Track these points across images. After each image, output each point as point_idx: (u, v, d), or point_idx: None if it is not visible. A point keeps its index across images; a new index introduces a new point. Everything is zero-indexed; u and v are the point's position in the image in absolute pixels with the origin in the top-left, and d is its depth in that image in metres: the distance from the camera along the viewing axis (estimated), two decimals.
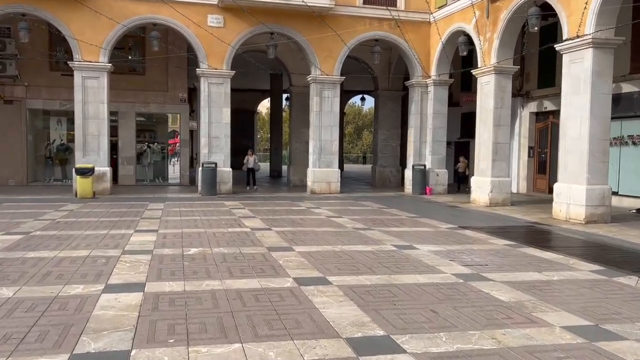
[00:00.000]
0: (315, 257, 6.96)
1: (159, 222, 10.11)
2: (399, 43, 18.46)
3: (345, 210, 12.90)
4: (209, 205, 13.57)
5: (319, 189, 18.07)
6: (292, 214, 12.02)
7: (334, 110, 18.18)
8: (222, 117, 17.29)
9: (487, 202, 15.08)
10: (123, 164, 20.23)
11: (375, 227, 10.01)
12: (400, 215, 12.18)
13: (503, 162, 15.25)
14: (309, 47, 17.73)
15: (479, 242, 8.59)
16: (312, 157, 18.23)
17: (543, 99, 18.44)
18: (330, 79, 17.97)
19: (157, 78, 20.41)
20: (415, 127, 18.96)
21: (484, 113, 15.44)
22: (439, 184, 18.77)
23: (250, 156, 19.24)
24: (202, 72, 17.05)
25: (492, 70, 14.94)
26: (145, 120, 21.16)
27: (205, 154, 17.20)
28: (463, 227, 10.41)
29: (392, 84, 22.27)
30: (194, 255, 6.94)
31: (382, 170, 22.47)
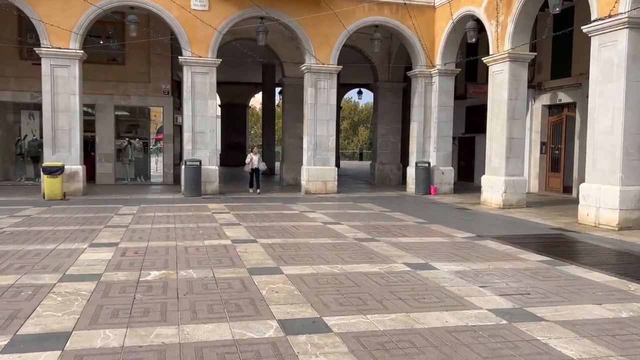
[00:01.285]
0: (309, 284, 5.44)
1: (124, 231, 8.56)
2: (401, 29, 16.92)
3: (343, 215, 11.39)
4: (189, 208, 12.02)
5: (314, 189, 16.55)
6: (284, 219, 10.49)
7: (330, 102, 16.63)
8: (208, 109, 15.71)
9: (499, 203, 13.61)
10: (101, 161, 18.62)
11: (380, 237, 8.50)
12: (407, 221, 10.68)
13: (518, 160, 13.76)
14: (302, 33, 16.16)
15: (507, 258, 7.09)
16: (306, 153, 16.70)
17: (557, 90, 16.96)
18: (327, 68, 16.41)
19: (138, 68, 18.79)
20: (419, 121, 17.45)
21: (497, 105, 13.94)
22: (444, 182, 17.29)
23: (254, 154, 16.57)
24: (185, 60, 15.46)
25: (506, 57, 13.43)
26: (125, 114, 19.53)
27: (188, 150, 15.63)
28: (482, 236, 8.91)
29: (393, 75, 20.74)
30: (152, 282, 5.40)
31: (381, 167, 20.96)
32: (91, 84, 18.15)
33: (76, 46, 14.65)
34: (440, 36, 16.80)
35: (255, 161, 16.31)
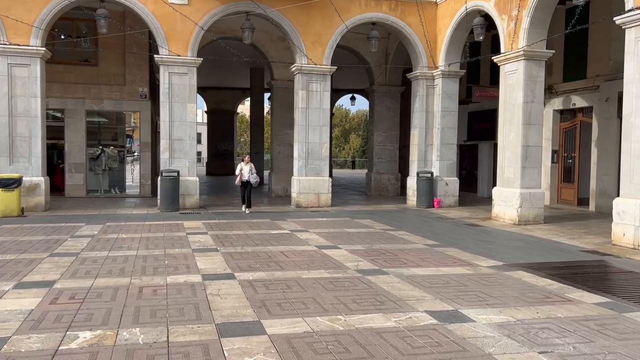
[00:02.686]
0: (303, 354, 3.83)
1: (71, 262, 6.89)
2: (400, 27, 15.46)
3: (340, 235, 9.79)
4: (161, 228, 10.35)
5: (306, 202, 14.96)
6: (271, 242, 8.86)
7: (323, 106, 15.09)
8: (187, 114, 14.08)
9: (514, 219, 12.11)
10: (71, 172, 16.89)
11: (388, 267, 6.92)
12: (415, 243, 9.10)
13: (535, 170, 12.28)
14: (293, 31, 14.63)
15: (555, 300, 5.54)
16: (297, 163, 15.13)
17: (570, 94, 15.56)
18: (319, 68, 14.88)
19: (112, 70, 17.14)
20: (420, 127, 15.95)
21: (510, 109, 12.47)
22: (448, 194, 15.77)
23: (245, 163, 13.57)
24: (162, 59, 13.85)
25: (521, 55, 11.98)
26: (98, 120, 17.83)
27: (165, 159, 13.98)
28: (510, 265, 7.36)
29: (390, 78, 19.28)
30: (76, 353, 3.76)
31: (378, 177, 19.42)
32: (60, 86, 16.53)
33: (37, 43, 12.99)
34: (443, 34, 15.35)
35: (245, 173, 13.42)
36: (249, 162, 13.66)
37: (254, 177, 13.47)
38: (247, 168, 13.48)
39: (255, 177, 13.48)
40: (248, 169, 13.47)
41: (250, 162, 13.77)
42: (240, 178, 13.46)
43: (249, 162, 13.66)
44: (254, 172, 13.57)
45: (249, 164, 13.58)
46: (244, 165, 13.54)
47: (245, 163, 13.61)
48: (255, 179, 13.48)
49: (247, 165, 13.55)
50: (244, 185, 13.52)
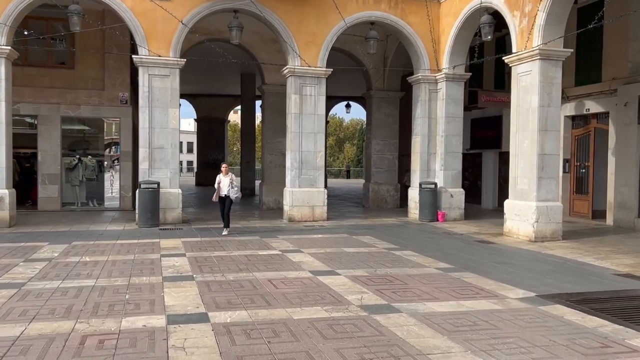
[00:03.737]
0: None
1: (7, 299, 5.60)
2: (401, 27, 14.35)
3: (338, 256, 8.55)
4: (133, 248, 9.06)
5: (300, 216, 13.72)
6: (258, 266, 7.61)
7: (318, 112, 13.90)
8: (169, 120, 12.85)
9: (530, 235, 10.92)
10: (44, 183, 15.56)
11: (398, 302, 5.69)
12: (426, 266, 7.88)
13: (552, 181, 11.13)
14: (285, 30, 13.47)
15: (618, 351, 4.34)
16: (290, 173, 13.90)
17: (584, 98, 14.47)
18: (314, 71, 13.72)
19: (90, 73, 15.89)
20: (422, 134, 14.79)
21: (523, 114, 11.34)
22: (453, 207, 14.58)
23: (223, 174, 11.15)
24: (141, 60, 12.64)
25: (535, 54, 10.87)
26: (74, 127, 16.55)
27: (144, 170, 12.71)
28: (544, 296, 6.14)
29: (388, 83, 18.16)
30: None
31: (376, 188, 18.22)
32: (33, 90, 15.28)
33: (2, 41, 11.75)
34: (447, 34, 14.25)
35: (224, 186, 11.05)
36: (228, 173, 11.23)
37: (234, 192, 11.04)
38: (226, 180, 11.08)
39: (235, 192, 11.06)
40: (227, 181, 11.07)
41: (231, 173, 11.36)
42: (217, 193, 11.12)
43: (228, 173, 11.23)
44: (235, 186, 11.14)
45: (228, 175, 11.16)
46: (222, 176, 11.13)
47: (223, 174, 11.17)
48: (235, 194, 11.07)
49: (226, 176, 11.13)
50: (222, 201, 11.18)
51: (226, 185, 11.09)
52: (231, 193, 11.10)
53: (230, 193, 11.09)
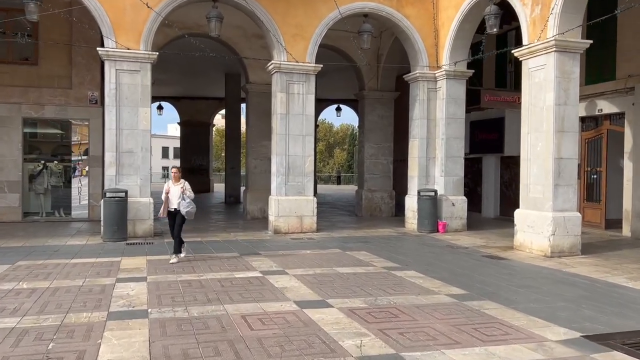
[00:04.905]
0: None
1: None
2: (397, 20, 13.11)
3: (330, 279, 7.21)
4: (86, 270, 7.64)
5: (286, 227, 12.36)
6: (232, 295, 6.24)
7: (306, 112, 12.59)
8: (139, 121, 11.45)
9: (545, 249, 9.67)
10: (3, 191, 14.05)
11: (410, 349, 4.37)
12: (435, 292, 6.56)
13: (569, 188, 9.89)
14: (270, 21, 12.17)
15: None
16: (275, 179, 12.56)
17: (595, 98, 13.31)
18: (302, 67, 12.42)
19: (56, 70, 14.44)
20: (420, 137, 13.52)
21: (537, 114, 10.11)
22: (455, 217, 13.31)
23: (174, 182, 8.63)
24: (107, 53, 11.25)
25: (551, 46, 9.66)
26: (38, 129, 15.07)
27: (111, 177, 11.29)
28: (592, 337, 4.85)
29: (382, 83, 16.91)
30: None
31: (370, 196, 16.91)
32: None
33: None
34: (447, 28, 13.03)
35: (173, 197, 8.49)
36: (179, 180, 8.63)
37: (185, 205, 8.36)
38: (175, 190, 8.48)
39: (187, 205, 8.37)
40: (178, 191, 8.44)
41: (184, 180, 8.65)
42: (165, 206, 8.56)
43: (179, 180, 8.63)
44: (187, 197, 8.43)
45: (179, 183, 8.54)
46: (171, 184, 8.57)
47: (173, 181, 8.62)
48: (187, 208, 8.38)
49: (176, 184, 8.52)
50: (172, 216, 8.60)
51: (176, 196, 8.48)
52: (181, 207, 8.40)
53: (180, 206, 8.41)
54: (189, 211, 8.45)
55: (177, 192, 8.49)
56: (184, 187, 8.49)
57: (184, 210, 8.41)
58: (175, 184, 8.59)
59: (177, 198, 8.45)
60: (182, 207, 8.40)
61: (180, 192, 8.45)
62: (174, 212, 8.55)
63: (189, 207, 8.45)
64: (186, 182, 8.58)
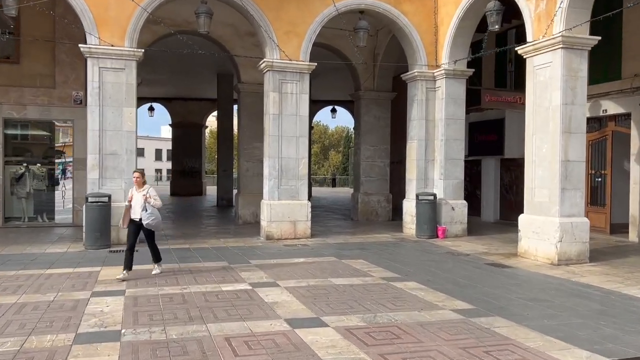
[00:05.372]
0: None
1: None
2: (394, 16, 12.61)
3: (325, 292, 6.66)
4: (61, 281, 7.07)
5: (279, 233, 11.81)
6: (216, 312, 5.69)
7: (300, 113, 12.05)
8: (124, 122, 10.87)
9: (551, 257, 9.17)
10: None
11: None
12: (439, 307, 6.02)
13: (577, 192, 9.39)
14: (262, 17, 11.63)
15: None
16: (268, 183, 12.00)
17: (600, 98, 12.85)
18: (295, 65, 11.88)
19: (38, 68, 13.84)
20: (419, 138, 13.02)
21: (542, 114, 9.62)
22: (455, 221, 12.81)
23: (137, 188, 7.55)
24: (89, 50, 10.68)
25: (557, 43, 9.17)
26: (20, 131, 14.45)
27: (94, 180, 10.71)
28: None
29: (379, 83, 16.39)
30: None
31: (366, 199, 16.37)
32: None
33: None
34: (447, 25, 12.54)
35: (136, 205, 7.38)
36: (143, 185, 7.50)
37: (146, 216, 7.24)
38: (138, 196, 7.37)
39: (148, 216, 7.24)
40: (140, 198, 7.32)
41: (149, 186, 7.56)
42: (126, 215, 7.46)
43: (143, 185, 7.50)
44: (151, 207, 7.28)
45: (144, 189, 7.42)
46: (134, 191, 7.50)
47: (136, 187, 7.52)
48: (148, 219, 7.24)
49: (140, 190, 7.43)
50: (135, 228, 7.42)
51: (139, 204, 7.31)
52: (144, 217, 7.24)
53: (143, 217, 7.25)
54: (149, 223, 7.29)
55: (139, 198, 7.36)
56: (147, 193, 7.35)
57: (146, 221, 7.26)
58: (138, 190, 7.48)
59: (140, 206, 7.33)
60: (145, 218, 7.24)
61: (142, 198, 7.30)
62: (138, 222, 7.40)
63: (150, 219, 7.26)
64: (151, 189, 7.50)
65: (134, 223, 7.43)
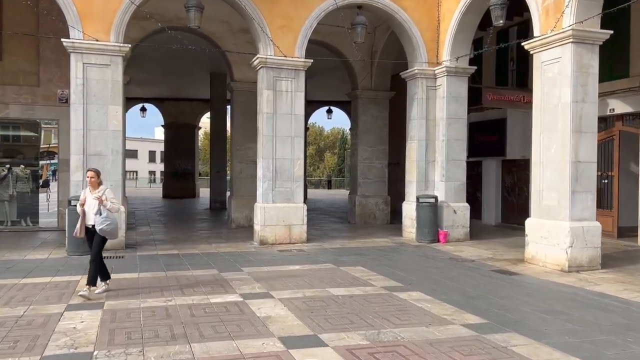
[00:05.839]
0: None
1: None
2: (393, 11, 12.09)
3: (323, 305, 6.11)
4: (35, 292, 6.50)
5: (274, 237, 11.26)
6: (202, 331, 5.14)
7: (296, 111, 11.51)
8: (109, 120, 10.30)
9: (562, 263, 8.66)
10: None
11: None
12: (448, 320, 5.50)
13: (588, 195, 8.90)
14: (255, 11, 11.10)
15: None
16: (261, 185, 11.45)
17: (606, 97, 12.37)
18: (291, 62, 11.34)
19: (22, 65, 13.24)
20: (419, 139, 12.50)
21: (550, 112, 9.12)
22: (457, 225, 12.30)
23: (91, 189, 6.59)
24: (73, 44, 10.10)
25: (567, 37, 8.68)
26: (1, 131, 13.83)
27: (77, 182, 10.12)
28: None
29: (376, 82, 15.88)
30: None
31: (364, 202, 15.84)
32: None
33: None
34: (448, 21, 12.04)
35: (89, 210, 6.45)
36: (98, 186, 6.57)
37: (100, 220, 6.30)
38: (91, 198, 6.44)
39: (102, 220, 6.29)
40: (93, 201, 6.38)
41: (105, 187, 6.68)
42: (82, 222, 6.46)
43: (98, 186, 6.57)
44: (106, 211, 6.34)
45: (99, 191, 6.48)
46: (88, 192, 6.56)
47: (90, 188, 6.58)
48: (102, 224, 6.30)
49: (94, 192, 6.49)
50: (89, 235, 6.51)
51: (92, 208, 6.39)
52: (97, 221, 6.31)
53: (96, 222, 6.34)
54: (103, 229, 6.30)
55: (92, 202, 6.39)
56: (103, 196, 6.37)
57: (99, 227, 6.31)
58: (92, 191, 6.51)
59: (93, 211, 6.38)
60: (99, 223, 6.30)
61: (96, 204, 6.34)
62: (92, 229, 6.42)
63: (105, 224, 6.27)
64: (108, 190, 6.57)
65: (89, 231, 6.48)
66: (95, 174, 6.63)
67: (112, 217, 6.43)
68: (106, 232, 6.37)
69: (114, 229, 6.44)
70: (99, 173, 6.77)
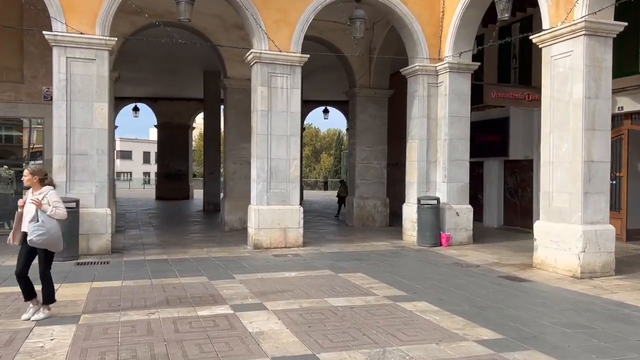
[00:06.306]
0: None
1: None
2: (393, 5, 11.60)
3: (321, 317, 5.58)
4: (4, 304, 5.96)
5: (268, 241, 10.72)
6: (186, 350, 4.60)
7: (292, 109, 10.98)
8: (94, 118, 9.74)
9: (574, 269, 8.16)
10: None
11: None
12: (459, 336, 4.98)
13: (601, 197, 8.40)
14: (249, 3, 10.55)
15: None
16: (256, 186, 10.92)
17: (615, 94, 11.75)
18: (286, 57, 10.81)
19: (4, 61, 12.64)
20: (420, 138, 12.00)
21: (561, 109, 8.63)
22: (460, 228, 11.80)
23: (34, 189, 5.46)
24: (56, 38, 9.55)
25: (580, 29, 8.19)
26: None
27: (60, 183, 9.50)
28: None
29: (375, 80, 15.37)
30: None
31: (362, 204, 15.32)
32: None
33: None
34: (450, 15, 11.55)
35: (27, 214, 5.34)
36: (41, 187, 5.46)
37: (33, 228, 5.22)
38: (25, 201, 5.45)
39: (35, 228, 5.21)
40: (32, 206, 5.30)
41: (49, 188, 5.51)
42: (17, 227, 5.44)
43: (41, 187, 5.46)
44: (43, 218, 5.25)
45: (41, 192, 5.42)
46: (29, 195, 5.50)
47: (32, 189, 5.49)
48: (33, 233, 5.21)
49: (34, 194, 5.42)
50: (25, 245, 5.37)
51: (29, 213, 5.32)
52: (29, 230, 5.24)
53: (29, 229, 5.25)
54: (32, 240, 5.18)
55: (31, 208, 5.29)
56: (44, 199, 5.31)
57: (28, 238, 5.22)
58: (33, 193, 5.42)
59: (29, 216, 5.29)
60: (29, 231, 5.20)
61: (34, 208, 5.25)
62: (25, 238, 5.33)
63: (35, 234, 5.15)
64: (52, 192, 5.45)
65: (25, 236, 5.34)
66: (31, 174, 5.43)
67: (49, 226, 5.25)
68: (36, 243, 5.20)
69: (47, 239, 5.24)
70: (39, 172, 5.51)
